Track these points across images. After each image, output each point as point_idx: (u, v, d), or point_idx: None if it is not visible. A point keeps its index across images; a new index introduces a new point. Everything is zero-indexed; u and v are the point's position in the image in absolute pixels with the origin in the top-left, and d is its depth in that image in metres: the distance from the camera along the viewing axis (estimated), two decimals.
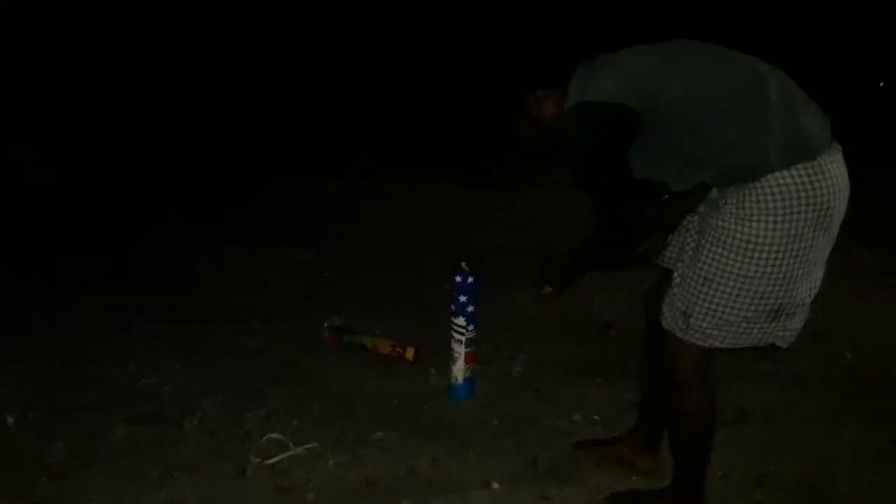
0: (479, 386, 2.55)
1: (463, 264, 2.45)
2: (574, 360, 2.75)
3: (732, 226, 1.62)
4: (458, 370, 2.48)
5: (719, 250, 1.64)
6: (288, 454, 2.20)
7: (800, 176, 1.57)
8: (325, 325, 2.89)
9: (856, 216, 1.79)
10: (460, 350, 2.46)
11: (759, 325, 1.70)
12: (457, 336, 2.46)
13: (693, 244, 1.75)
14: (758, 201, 1.59)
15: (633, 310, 2.93)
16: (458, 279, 2.43)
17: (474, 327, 2.46)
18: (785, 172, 1.57)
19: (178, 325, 3.00)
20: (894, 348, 2.86)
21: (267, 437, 2.27)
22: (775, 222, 1.58)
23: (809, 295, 1.71)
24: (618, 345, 2.86)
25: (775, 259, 1.61)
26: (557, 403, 2.49)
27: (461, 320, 2.44)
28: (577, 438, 2.28)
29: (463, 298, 2.43)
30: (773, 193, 1.58)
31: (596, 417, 2.42)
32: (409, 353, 2.69)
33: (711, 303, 1.67)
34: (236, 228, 4.12)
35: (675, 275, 1.78)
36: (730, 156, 1.61)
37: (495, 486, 2.09)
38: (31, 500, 2.02)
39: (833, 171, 1.61)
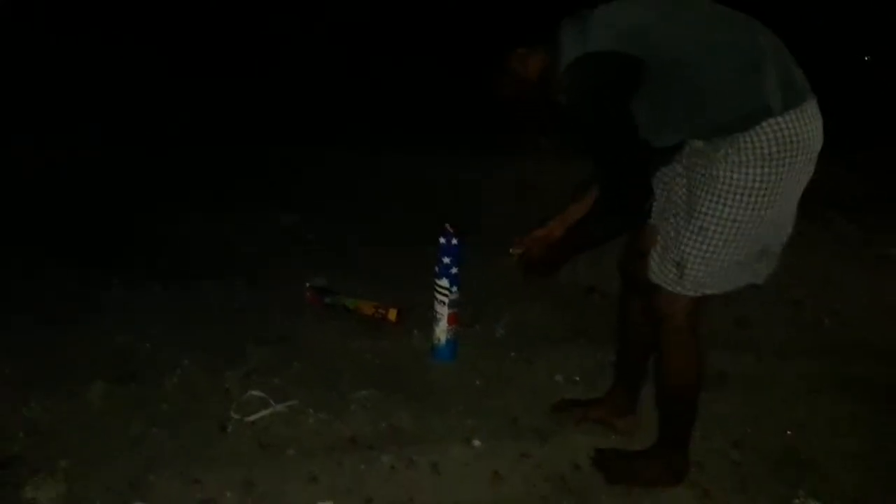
0: (462, 348, 2.55)
1: (447, 227, 2.44)
2: (557, 323, 2.77)
3: (728, 174, 1.63)
4: (441, 331, 2.48)
5: (714, 199, 1.66)
6: (269, 411, 2.20)
7: (793, 121, 1.60)
8: (307, 285, 2.88)
9: (839, 188, 1.82)
10: (443, 311, 2.46)
11: (748, 267, 1.73)
12: (440, 297, 2.45)
13: (683, 197, 1.75)
14: (753, 148, 1.61)
15: (616, 274, 2.95)
16: (443, 241, 2.42)
17: (457, 289, 2.46)
18: (780, 118, 1.59)
19: (158, 285, 2.98)
20: (872, 316, 2.90)
21: (248, 394, 2.27)
22: (770, 167, 1.61)
23: (789, 232, 1.75)
24: (600, 308, 2.87)
25: (769, 202, 1.64)
26: (539, 365, 2.51)
27: (444, 282, 2.43)
28: (558, 398, 2.29)
29: (447, 260, 2.43)
30: (768, 139, 1.60)
31: (577, 378, 2.44)
32: (392, 314, 2.69)
33: (706, 251, 1.69)
34: (225, 197, 4.08)
35: (665, 228, 1.78)
36: (730, 105, 1.62)
37: (476, 443, 2.10)
38: (8, 455, 2.00)
39: (817, 114, 1.65)
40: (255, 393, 2.26)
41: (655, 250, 1.81)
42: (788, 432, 2.19)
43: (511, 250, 1.99)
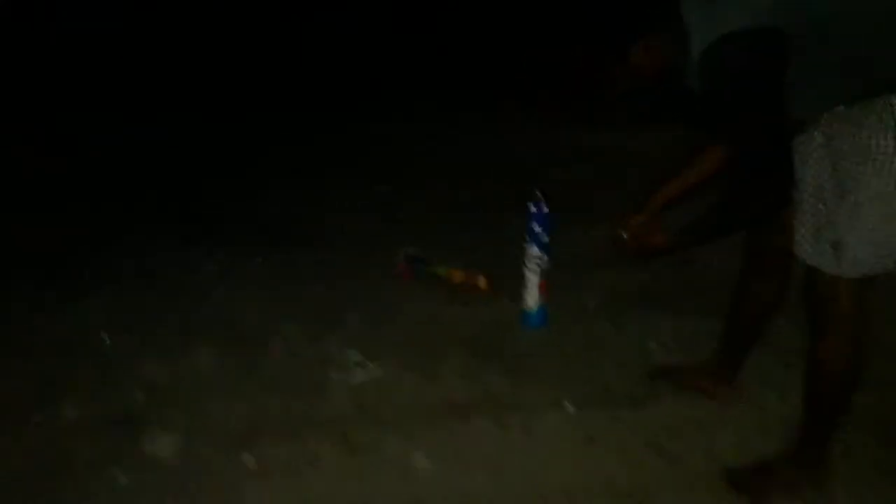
0: (553, 315, 2.56)
1: (538, 194, 2.44)
2: (650, 292, 2.73)
3: (883, 141, 1.49)
4: (532, 299, 2.49)
5: (868, 170, 1.52)
6: (366, 373, 2.28)
7: None
8: (402, 254, 2.94)
9: None
10: (534, 279, 2.47)
11: None
12: (531, 265, 2.47)
13: (828, 169, 1.60)
14: None
15: (713, 244, 2.88)
16: (533, 209, 2.43)
17: (548, 257, 2.46)
18: None
19: (258, 256, 3.11)
20: None
21: (346, 358, 2.35)
22: None
23: None
24: (694, 277, 2.81)
25: None
26: (631, 332, 2.49)
27: (535, 249, 2.44)
28: (651, 366, 2.27)
29: (538, 228, 2.43)
30: None
31: (671, 346, 2.41)
32: (483, 282, 2.72)
33: (864, 227, 1.55)
34: (314, 167, 4.19)
35: (812, 205, 1.64)
36: (883, 63, 1.48)
37: (569, 407, 2.12)
38: (128, 412, 2.16)
39: None
40: (354, 357, 2.35)
41: (806, 229, 1.67)
42: None
43: (619, 231, 1.90)
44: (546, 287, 2.49)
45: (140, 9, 6.12)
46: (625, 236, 1.87)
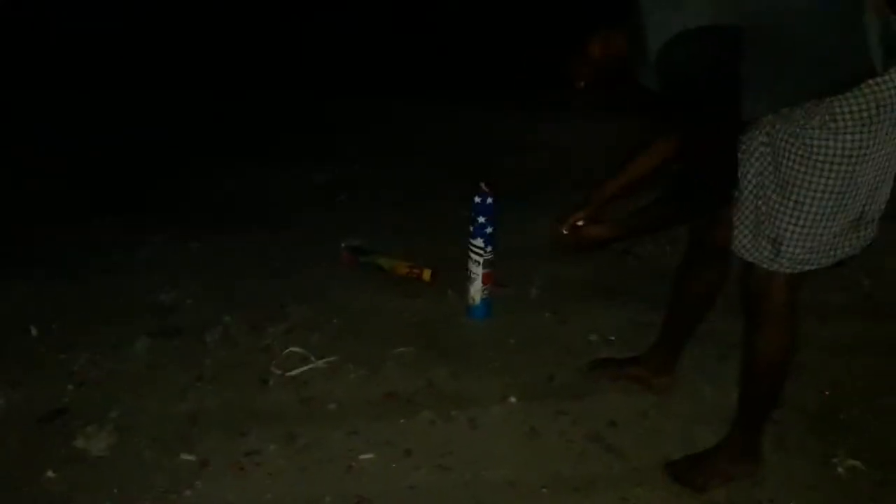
0: (497, 307, 2.57)
1: (482, 185, 2.43)
2: (591, 284, 2.76)
3: (824, 141, 1.53)
4: (476, 291, 2.49)
5: (810, 170, 1.55)
6: (309, 367, 2.25)
7: (893, 80, 1.49)
8: (343, 245, 2.90)
9: None
10: (478, 271, 2.47)
11: (845, 239, 1.64)
12: (475, 257, 2.46)
13: (770, 168, 1.64)
14: (850, 111, 1.50)
15: (653, 236, 2.93)
16: (478, 200, 2.42)
17: (492, 249, 2.46)
18: (879, 79, 1.49)
19: (197, 242, 3.01)
20: None
21: (288, 350, 2.31)
22: (869, 132, 1.50)
23: (887, 196, 1.65)
24: (634, 270, 2.86)
25: (867, 168, 1.54)
26: (574, 324, 2.51)
27: (479, 241, 2.44)
28: (593, 358, 2.31)
29: (482, 219, 2.43)
30: (867, 102, 1.49)
31: (612, 338, 2.45)
32: (427, 274, 2.70)
33: (804, 225, 1.60)
34: (256, 150, 4.07)
35: (753, 202, 1.69)
36: (832, 66, 1.50)
37: (513, 399, 2.14)
38: (58, 406, 2.07)
39: None
40: (296, 349, 2.31)
41: (745, 225, 1.71)
42: (826, 392, 2.19)
43: (559, 226, 1.89)
44: (490, 278, 2.50)
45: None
46: (564, 231, 1.87)
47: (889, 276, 2.83)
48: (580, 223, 1.87)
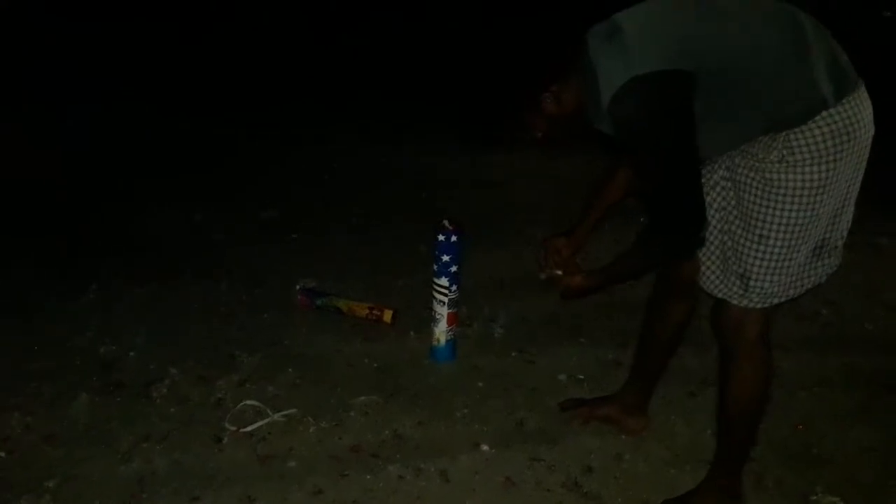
0: (461, 348, 2.48)
1: (446, 223, 2.35)
2: (555, 320, 2.70)
3: (783, 175, 1.53)
4: (441, 332, 2.40)
5: (772, 204, 1.56)
6: (266, 421, 2.11)
7: (846, 111, 1.51)
8: (297, 287, 2.77)
9: None
10: (443, 311, 2.37)
11: (810, 268, 1.66)
12: (439, 297, 2.37)
13: (733, 202, 1.65)
14: (807, 145, 1.51)
15: None
16: (441, 238, 2.34)
17: (457, 288, 2.38)
18: (833, 111, 1.50)
19: (140, 288, 2.83)
20: (867, 306, 2.88)
21: (242, 404, 2.17)
22: (827, 163, 1.52)
23: (849, 223, 1.67)
24: (599, 306, 2.81)
25: (827, 198, 1.55)
26: (542, 364, 2.44)
27: (444, 280, 2.35)
28: (563, 399, 2.23)
29: (446, 258, 2.34)
30: (823, 134, 1.50)
31: (581, 377, 2.38)
32: (387, 315, 2.60)
33: (770, 259, 1.60)
34: (197, 189, 3.89)
35: (719, 238, 1.69)
36: (784, 102, 1.51)
37: (484, 447, 2.04)
38: None
39: (867, 99, 1.57)
40: (250, 402, 2.17)
41: (712, 261, 1.72)
42: (799, 427, 2.17)
43: (541, 275, 1.88)
44: (455, 319, 2.41)
45: None
46: (559, 273, 1.83)
47: (846, 306, 2.85)
48: (559, 272, 1.84)
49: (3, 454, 1.96)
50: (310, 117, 4.98)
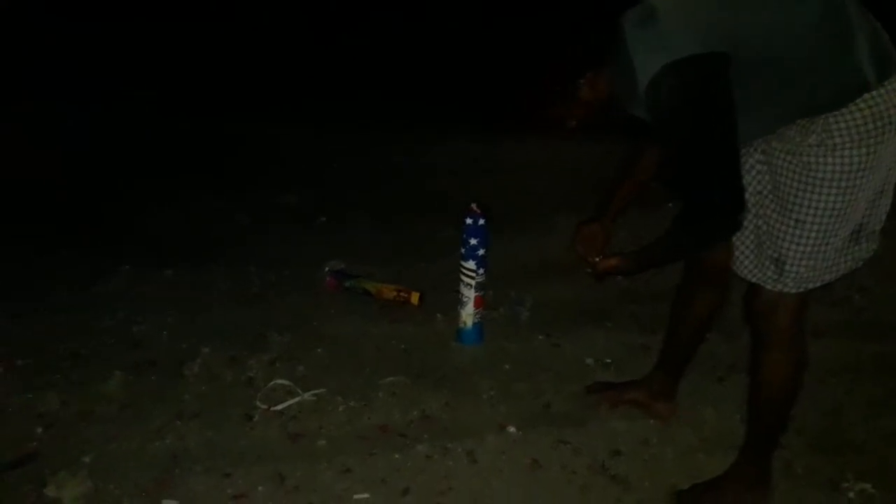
0: (487, 331, 2.49)
1: (473, 206, 2.36)
2: (581, 305, 2.70)
3: (822, 159, 1.51)
4: (468, 314, 2.41)
5: (810, 188, 1.53)
6: (296, 400, 2.14)
7: (888, 94, 1.48)
8: (326, 269, 2.80)
9: None
10: (470, 294, 2.38)
11: (846, 253, 1.63)
12: (466, 280, 2.38)
13: (769, 187, 1.63)
14: (848, 129, 1.48)
15: None
16: (469, 221, 2.34)
17: (484, 271, 2.39)
18: (875, 93, 1.47)
19: (168, 270, 2.88)
20: None
21: (273, 383, 2.20)
22: (868, 146, 1.49)
23: (887, 207, 1.64)
24: (624, 290, 2.80)
25: (866, 182, 1.53)
26: (568, 348, 2.44)
27: (471, 263, 2.36)
28: (589, 382, 2.23)
29: (473, 241, 2.35)
30: (864, 117, 1.47)
31: (608, 361, 2.38)
32: (415, 297, 2.61)
33: (806, 244, 1.58)
34: (225, 175, 3.94)
35: (753, 223, 1.67)
36: (825, 84, 1.48)
37: (511, 429, 2.04)
38: (26, 452, 1.93)
39: None
40: (281, 381, 2.20)
41: (746, 246, 1.70)
42: (829, 414, 2.15)
43: (585, 267, 1.86)
44: (482, 302, 2.42)
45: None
46: (597, 259, 1.82)
47: (880, 292, 2.81)
48: (597, 259, 1.83)
49: (40, 429, 2.01)
50: (329, 115, 4.99)
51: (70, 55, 5.34)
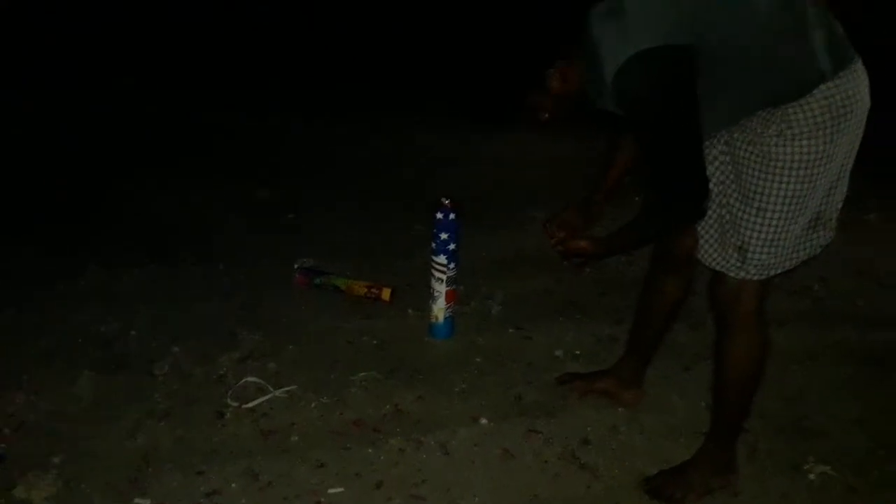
0: (459, 325, 2.51)
1: (444, 201, 2.37)
2: (551, 297, 2.73)
3: (782, 148, 1.56)
4: (439, 309, 2.42)
5: (771, 177, 1.58)
6: (267, 397, 2.14)
7: (844, 85, 1.53)
8: (295, 266, 2.79)
9: None
10: (441, 289, 2.40)
11: (806, 240, 1.69)
12: (437, 274, 2.40)
13: (731, 176, 1.67)
14: (805, 118, 1.53)
15: None
16: (440, 216, 2.36)
17: (455, 265, 2.41)
18: (830, 84, 1.52)
19: (136, 266, 2.85)
20: (858, 281, 2.93)
21: (244, 380, 2.20)
22: (825, 136, 1.54)
23: (843, 196, 1.70)
24: (593, 281, 2.84)
25: (824, 171, 1.58)
26: (539, 340, 2.47)
27: (442, 258, 2.38)
28: (560, 373, 2.27)
29: (444, 236, 2.36)
30: (821, 107, 1.52)
31: (577, 352, 2.42)
32: (386, 293, 2.62)
33: (768, 231, 1.63)
34: (192, 169, 3.89)
35: (716, 212, 1.72)
36: (782, 76, 1.53)
37: (483, 421, 2.08)
38: None
39: (864, 72, 1.59)
40: (252, 379, 2.20)
41: (710, 234, 1.74)
42: (790, 399, 2.21)
43: (549, 237, 1.88)
44: (454, 296, 2.44)
45: None
46: (551, 238, 1.85)
47: (838, 280, 2.89)
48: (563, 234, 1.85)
49: (8, 430, 1.99)
50: (301, 105, 4.96)
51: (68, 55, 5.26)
